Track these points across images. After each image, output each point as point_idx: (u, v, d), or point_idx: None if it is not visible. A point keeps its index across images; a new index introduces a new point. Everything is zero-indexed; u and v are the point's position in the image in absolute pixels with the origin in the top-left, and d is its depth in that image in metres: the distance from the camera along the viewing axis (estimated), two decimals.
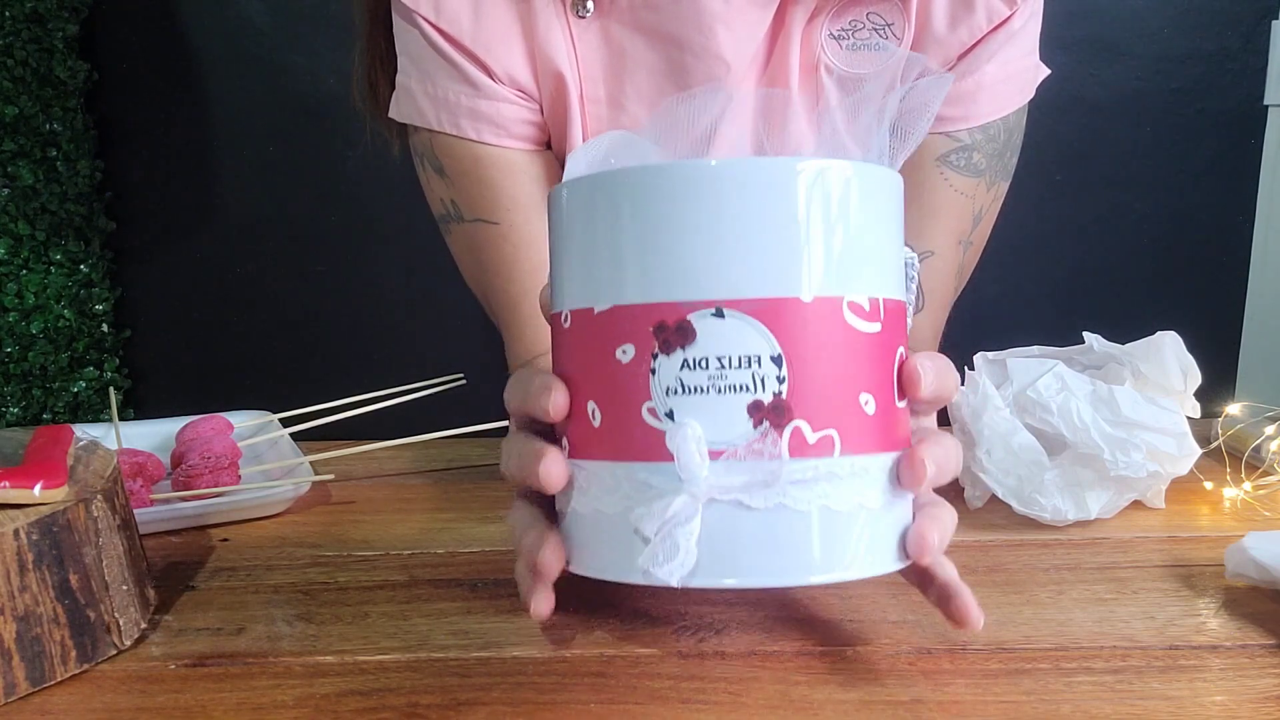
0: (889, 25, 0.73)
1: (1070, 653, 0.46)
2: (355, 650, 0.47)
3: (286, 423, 0.77)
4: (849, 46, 0.74)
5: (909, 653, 0.46)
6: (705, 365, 0.38)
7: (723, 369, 0.38)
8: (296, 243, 1.78)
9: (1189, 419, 0.61)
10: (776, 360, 0.38)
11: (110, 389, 0.91)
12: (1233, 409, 0.68)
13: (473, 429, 0.75)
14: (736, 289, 0.38)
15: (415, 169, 0.81)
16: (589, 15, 0.73)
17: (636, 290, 0.40)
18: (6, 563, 0.43)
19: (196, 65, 1.71)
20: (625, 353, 0.40)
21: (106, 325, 1.72)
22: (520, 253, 0.77)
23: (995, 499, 0.61)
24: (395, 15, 0.75)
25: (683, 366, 0.38)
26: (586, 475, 0.42)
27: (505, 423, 0.75)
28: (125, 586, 0.47)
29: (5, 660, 0.42)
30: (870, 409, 0.40)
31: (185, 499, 0.64)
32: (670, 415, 0.39)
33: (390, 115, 0.79)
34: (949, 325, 0.84)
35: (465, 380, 0.78)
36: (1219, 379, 0.69)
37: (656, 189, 0.39)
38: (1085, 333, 0.68)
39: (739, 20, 0.71)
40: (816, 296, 0.39)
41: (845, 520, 0.39)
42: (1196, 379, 0.64)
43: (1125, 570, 0.55)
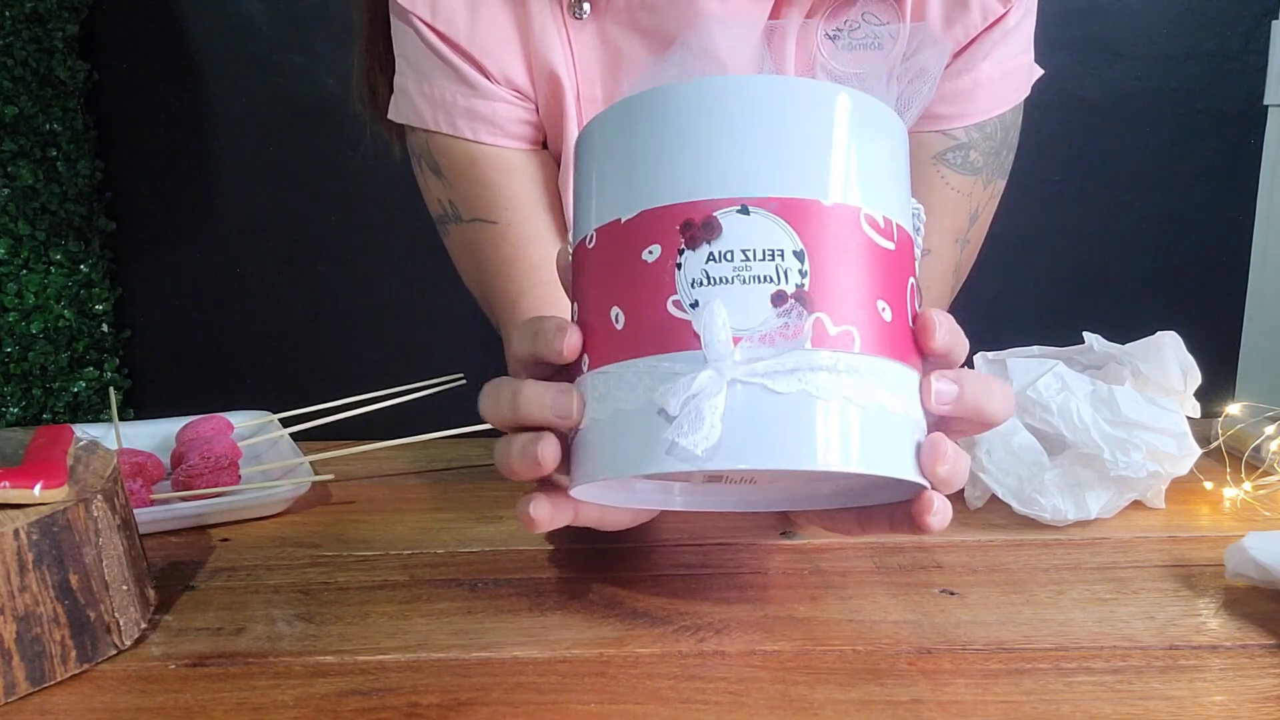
0: (884, 24, 0.73)
1: (1070, 653, 0.46)
2: (355, 650, 0.47)
3: (286, 423, 0.77)
4: (845, 46, 0.74)
5: (909, 653, 0.46)
6: (730, 258, 0.40)
7: (747, 261, 0.40)
8: (296, 243, 1.78)
9: (1189, 419, 0.61)
10: (799, 255, 0.40)
11: (110, 389, 0.91)
12: (1233, 409, 0.68)
13: (473, 429, 0.75)
14: (761, 188, 0.40)
15: (414, 170, 0.81)
16: (585, 16, 0.73)
17: (664, 193, 0.41)
18: (6, 563, 0.43)
19: (196, 65, 1.71)
20: (652, 253, 0.41)
21: (106, 325, 1.72)
22: (519, 251, 0.77)
23: (995, 499, 0.61)
24: (392, 16, 0.75)
25: (708, 259, 0.40)
26: (606, 380, 0.42)
27: None
28: (125, 586, 0.47)
29: (5, 660, 0.42)
30: (887, 316, 0.41)
31: (185, 499, 0.64)
32: (695, 305, 0.40)
33: (388, 117, 0.79)
34: None
35: (465, 380, 0.78)
36: (1219, 379, 0.69)
37: (687, 101, 0.41)
38: (1085, 333, 0.68)
39: (734, 21, 0.71)
40: (836, 203, 0.40)
41: (866, 415, 0.40)
42: (1196, 379, 0.64)
43: (1125, 570, 0.55)
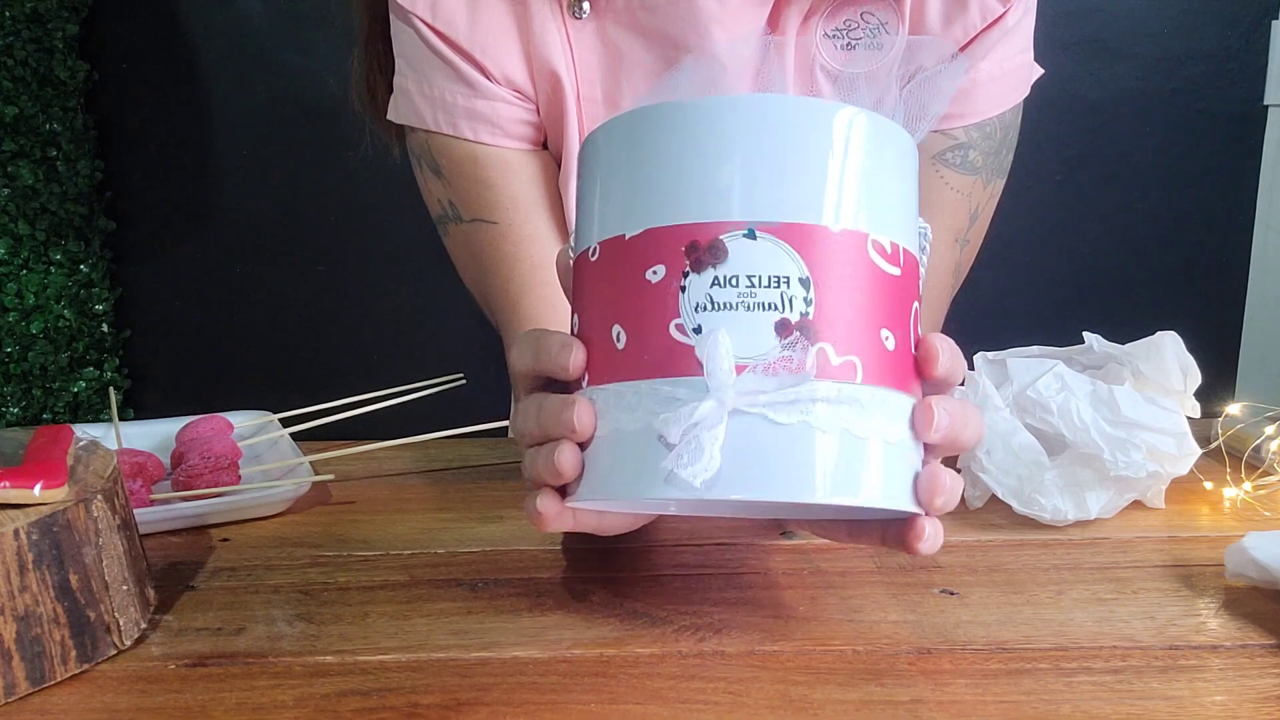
0: (883, 25, 0.74)
1: (1070, 653, 0.46)
2: (355, 650, 0.47)
3: (286, 423, 0.77)
4: (843, 46, 0.74)
5: (909, 653, 0.46)
6: (735, 283, 0.39)
7: (752, 287, 0.39)
8: (296, 243, 1.78)
9: (1189, 419, 0.61)
10: (804, 283, 0.40)
11: (110, 389, 0.91)
12: (1233, 409, 0.68)
13: (473, 429, 0.75)
14: (768, 212, 0.40)
15: (414, 171, 0.81)
16: (585, 16, 0.73)
17: (670, 213, 0.41)
18: (6, 563, 0.43)
19: (196, 65, 1.71)
20: (655, 273, 0.41)
21: (106, 325, 1.72)
22: (520, 251, 0.77)
23: (995, 499, 0.61)
24: (392, 16, 0.75)
25: (713, 284, 0.40)
26: (606, 398, 0.42)
27: (504, 423, 0.76)
28: (125, 586, 0.48)
29: (5, 660, 0.42)
30: (890, 345, 0.41)
31: (185, 499, 0.64)
32: (698, 330, 0.40)
33: (388, 117, 0.79)
34: (947, 325, 0.84)
35: (465, 380, 0.78)
36: (1219, 379, 0.69)
37: (697, 119, 0.41)
38: (1085, 333, 0.68)
39: (734, 21, 0.71)
40: (843, 229, 0.40)
41: (865, 447, 0.40)
42: (1196, 379, 0.64)
43: (1125, 570, 0.55)
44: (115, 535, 0.48)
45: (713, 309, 0.39)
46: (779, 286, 0.39)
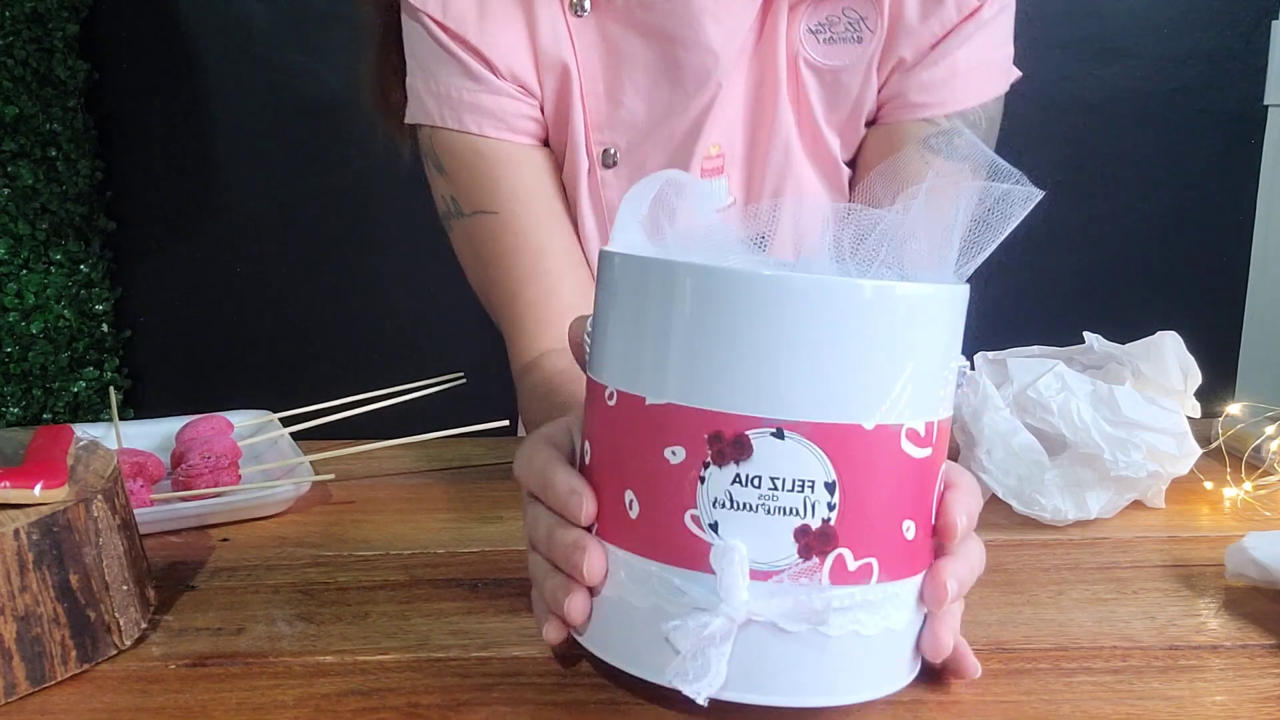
0: (863, 19, 0.75)
1: (1070, 653, 0.46)
2: (355, 650, 0.47)
3: (287, 422, 0.77)
4: (825, 40, 0.76)
5: None
6: (758, 484, 0.38)
7: (775, 490, 0.38)
8: (297, 243, 1.78)
9: (1189, 419, 0.61)
10: (829, 487, 0.38)
11: (110, 389, 0.91)
12: (1233, 409, 0.68)
13: (473, 429, 0.75)
14: (799, 411, 0.37)
15: (425, 171, 0.82)
16: (586, 14, 0.74)
17: (694, 393, 0.38)
18: (6, 563, 0.43)
19: (197, 65, 1.71)
20: (675, 454, 0.39)
21: (106, 325, 1.72)
22: (520, 241, 0.77)
23: (996, 499, 0.61)
24: (404, 15, 0.77)
25: (734, 481, 0.38)
26: (615, 562, 0.41)
27: (504, 422, 0.76)
28: (125, 586, 0.47)
29: (5, 660, 0.42)
30: (910, 534, 0.40)
31: (185, 499, 0.63)
32: (714, 527, 0.38)
33: (405, 121, 0.80)
34: None
35: (465, 380, 0.78)
36: (1219, 379, 0.69)
37: (724, 293, 0.38)
38: (1085, 333, 0.68)
39: (726, 14, 0.73)
40: (878, 424, 0.38)
41: (872, 645, 0.39)
42: (1196, 379, 0.64)
43: (1125, 570, 0.55)
44: (115, 535, 0.47)
45: (731, 507, 0.38)
46: (803, 490, 0.38)
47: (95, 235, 1.69)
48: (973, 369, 0.64)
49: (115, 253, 1.75)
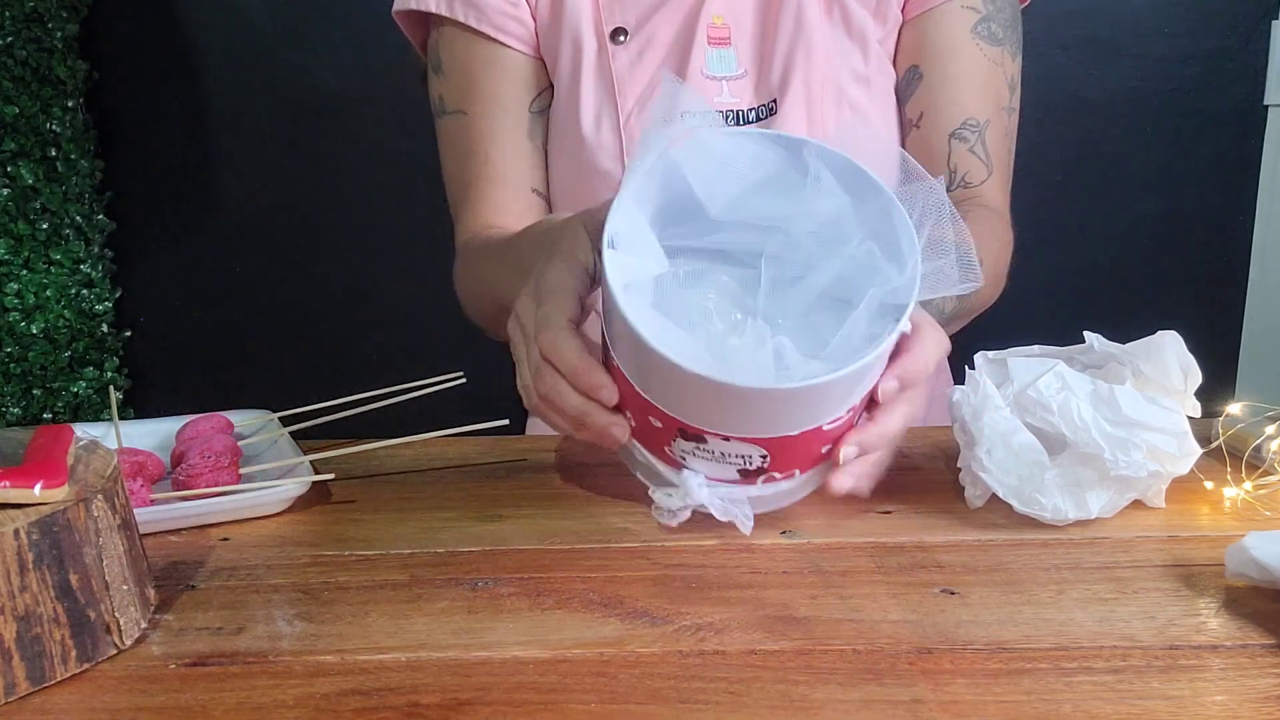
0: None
1: (1070, 653, 0.46)
2: (355, 650, 0.47)
3: (287, 422, 0.76)
4: None
5: (909, 653, 0.46)
6: (711, 454, 0.55)
7: (725, 455, 0.54)
8: (297, 243, 1.78)
9: (1189, 418, 0.61)
10: (764, 456, 0.54)
11: (110, 388, 0.91)
12: (1233, 408, 0.68)
13: (473, 429, 0.75)
14: (741, 431, 0.53)
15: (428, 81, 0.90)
16: None
17: (669, 407, 0.53)
18: (6, 563, 0.43)
19: (196, 65, 1.71)
20: (654, 421, 0.54)
21: (106, 325, 1.72)
22: (475, 145, 0.87)
23: (996, 498, 0.61)
24: None
25: (696, 449, 0.55)
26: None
27: (504, 422, 0.75)
28: (125, 586, 0.47)
29: (5, 660, 0.42)
30: (826, 451, 0.56)
31: (185, 499, 0.63)
32: (684, 460, 0.56)
33: (396, 8, 0.87)
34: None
35: (465, 380, 0.78)
36: (1219, 379, 0.69)
37: (698, 384, 0.50)
38: (1085, 332, 0.68)
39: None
40: (803, 431, 0.53)
41: (783, 495, 0.59)
42: (1197, 379, 0.64)
43: (1125, 570, 0.55)
44: (115, 535, 0.48)
45: (695, 457, 0.55)
46: (743, 458, 0.54)
47: (95, 235, 1.69)
48: (972, 369, 0.64)
49: (115, 253, 1.75)
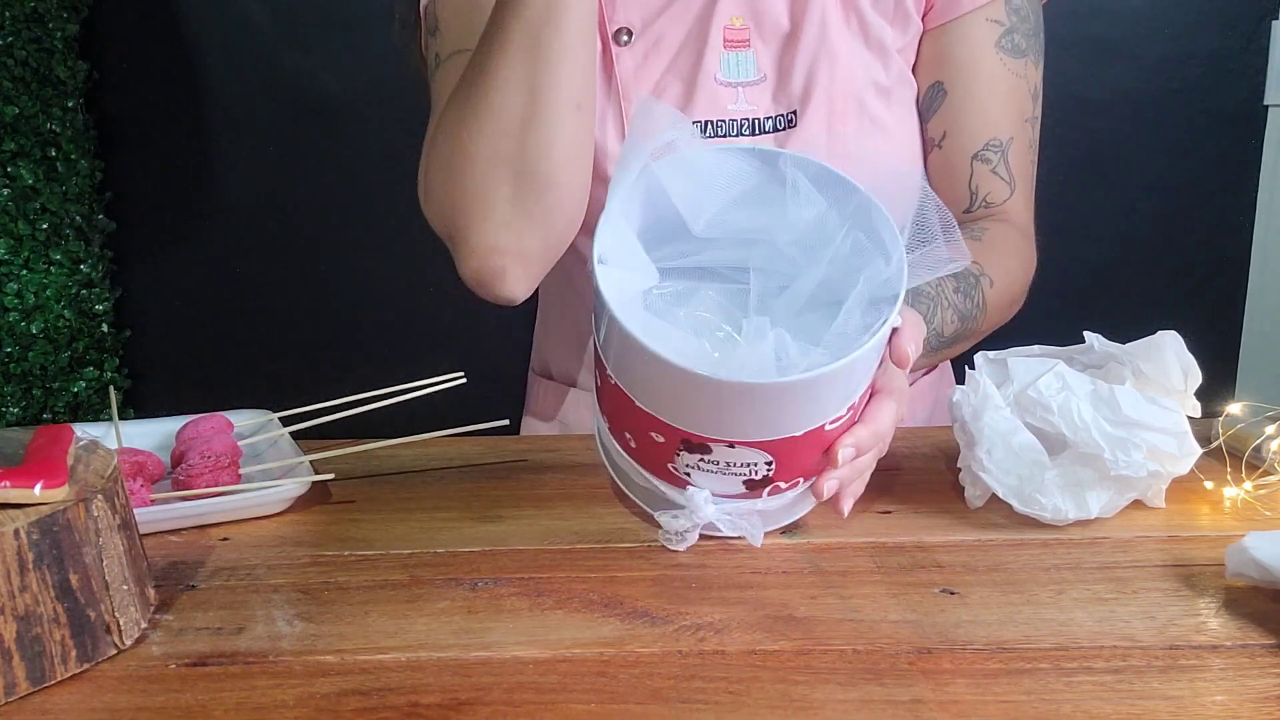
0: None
1: (1070, 652, 0.46)
2: (355, 650, 0.47)
3: (286, 422, 0.76)
4: None
5: (909, 653, 0.46)
6: (716, 465, 0.54)
7: (729, 466, 0.53)
8: (297, 243, 1.78)
9: (1189, 418, 0.61)
10: (769, 464, 0.53)
11: (110, 389, 0.91)
12: (1233, 408, 0.68)
13: (473, 429, 0.75)
14: (746, 434, 0.52)
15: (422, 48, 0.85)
16: None
17: (672, 417, 0.52)
18: (6, 563, 0.43)
19: (196, 65, 1.71)
20: (657, 437, 0.54)
21: (106, 325, 1.72)
22: None
23: (996, 498, 0.61)
24: None
25: (700, 461, 0.54)
26: (626, 461, 0.58)
27: (504, 422, 0.75)
28: (125, 586, 0.47)
29: (5, 660, 0.42)
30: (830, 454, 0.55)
31: (185, 499, 0.63)
32: (688, 474, 0.55)
33: None
34: None
35: (465, 380, 0.78)
36: (1219, 379, 0.69)
37: (698, 384, 0.50)
38: (1085, 332, 0.68)
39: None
40: (806, 430, 0.52)
41: (787, 508, 0.58)
42: (1197, 379, 0.64)
43: (1125, 570, 0.55)
44: (115, 535, 0.48)
45: (699, 470, 0.54)
46: (748, 467, 0.53)
47: (95, 235, 1.69)
48: (973, 368, 0.64)
49: (115, 253, 1.75)
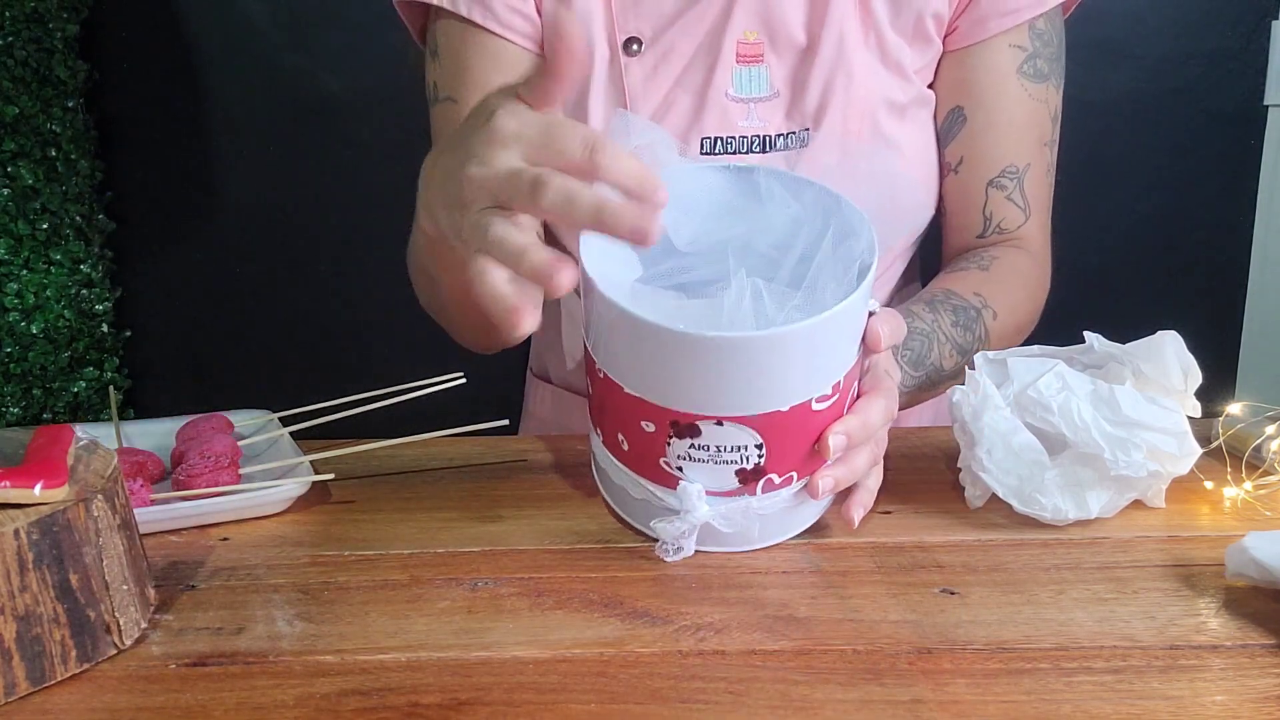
0: None
1: (1070, 653, 0.46)
2: (355, 650, 0.47)
3: (286, 422, 0.76)
4: None
5: (909, 653, 0.46)
6: (707, 449, 0.53)
7: (720, 451, 0.53)
8: (297, 243, 1.78)
9: (1189, 418, 0.61)
10: (759, 446, 0.53)
11: (110, 389, 0.91)
12: (1233, 408, 0.68)
13: (473, 429, 0.75)
14: (733, 409, 0.52)
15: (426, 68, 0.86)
16: None
17: (660, 396, 0.52)
18: (6, 563, 0.43)
19: (196, 65, 1.71)
20: (648, 425, 0.54)
21: (106, 325, 1.72)
22: None
23: (996, 498, 0.61)
24: None
25: (690, 447, 0.53)
26: (615, 470, 0.57)
27: (504, 422, 0.75)
28: (125, 586, 0.47)
29: (5, 660, 0.42)
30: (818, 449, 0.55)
31: (185, 499, 0.63)
32: (680, 469, 0.54)
33: None
34: None
35: (465, 380, 0.78)
36: (1219, 379, 0.69)
37: (676, 343, 0.50)
38: (1085, 332, 0.68)
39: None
40: (792, 405, 0.52)
41: (787, 514, 0.57)
42: (1197, 379, 0.64)
43: (1125, 570, 0.55)
44: (115, 535, 0.48)
45: (691, 460, 0.54)
46: (739, 451, 0.53)
47: (95, 235, 1.69)
48: (973, 368, 0.64)
49: (115, 253, 1.75)
